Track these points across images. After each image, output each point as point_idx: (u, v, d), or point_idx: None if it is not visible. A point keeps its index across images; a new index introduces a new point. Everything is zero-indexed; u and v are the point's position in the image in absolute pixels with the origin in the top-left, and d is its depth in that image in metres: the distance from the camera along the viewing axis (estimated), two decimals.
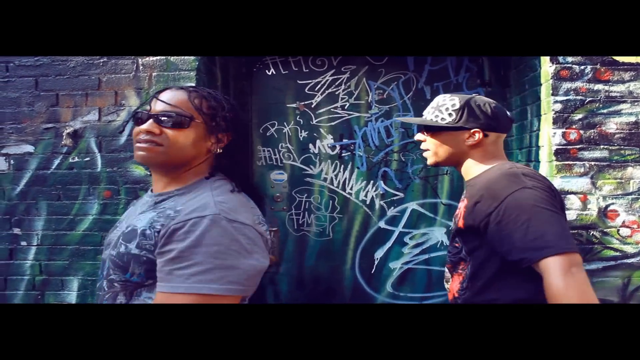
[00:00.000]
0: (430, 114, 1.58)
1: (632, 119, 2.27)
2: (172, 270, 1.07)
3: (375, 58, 2.93)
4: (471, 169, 1.56)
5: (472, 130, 1.51)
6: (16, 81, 2.43)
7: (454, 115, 1.52)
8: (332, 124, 2.95)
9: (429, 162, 1.62)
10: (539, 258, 1.22)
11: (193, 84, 2.33)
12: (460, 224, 1.47)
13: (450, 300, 1.56)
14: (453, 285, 1.54)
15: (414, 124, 2.92)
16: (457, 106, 1.52)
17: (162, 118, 1.21)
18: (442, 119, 1.54)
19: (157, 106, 1.23)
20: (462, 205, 1.51)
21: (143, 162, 1.23)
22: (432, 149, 1.59)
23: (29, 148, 2.42)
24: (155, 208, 1.22)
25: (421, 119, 1.61)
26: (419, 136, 1.64)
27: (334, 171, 2.95)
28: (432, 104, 1.61)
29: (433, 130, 1.57)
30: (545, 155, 2.34)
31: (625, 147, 2.27)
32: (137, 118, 1.24)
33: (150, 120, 1.21)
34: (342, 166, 2.96)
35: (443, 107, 1.55)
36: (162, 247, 1.11)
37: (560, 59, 2.27)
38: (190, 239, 1.08)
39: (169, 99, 1.23)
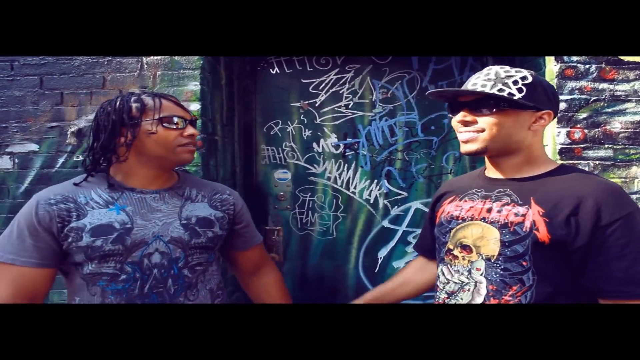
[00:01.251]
0: (488, 88, 1.25)
1: (637, 118, 2.26)
2: (254, 227, 1.71)
3: (379, 57, 2.93)
4: (522, 164, 1.30)
5: (542, 112, 1.26)
6: (21, 80, 2.43)
7: (525, 91, 1.23)
8: (336, 123, 2.95)
9: (473, 148, 1.28)
10: None
11: (197, 83, 2.33)
12: (544, 237, 1.17)
13: None
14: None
15: (416, 120, 2.92)
16: (529, 80, 1.24)
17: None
18: (510, 94, 1.22)
19: (179, 112, 1.46)
20: (529, 213, 1.21)
21: (190, 161, 1.49)
22: (485, 134, 1.26)
23: (34, 147, 2.43)
24: (192, 199, 1.51)
25: (480, 91, 1.26)
26: (461, 117, 1.29)
27: (337, 170, 2.95)
28: (487, 76, 1.28)
29: (498, 107, 1.24)
30: (549, 154, 2.33)
31: (630, 146, 2.26)
32: (172, 123, 1.42)
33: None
34: (346, 165, 2.95)
35: (509, 79, 1.24)
36: (244, 218, 1.65)
37: (565, 57, 2.27)
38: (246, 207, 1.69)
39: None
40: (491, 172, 1.39)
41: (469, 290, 1.28)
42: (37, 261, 1.32)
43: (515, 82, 1.24)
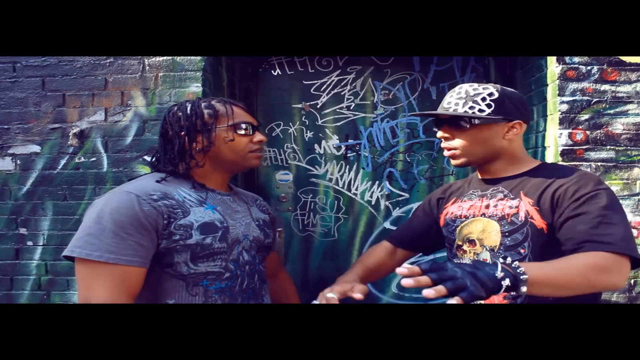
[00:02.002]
0: (461, 106, 1.36)
1: (639, 119, 2.26)
2: None
3: (380, 58, 2.93)
4: (507, 166, 1.42)
5: (513, 122, 1.36)
6: (23, 81, 2.44)
7: (494, 106, 1.34)
8: (338, 124, 2.95)
9: (457, 162, 1.42)
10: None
11: (199, 85, 2.34)
12: (541, 224, 1.29)
13: None
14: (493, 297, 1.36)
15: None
16: (496, 95, 1.35)
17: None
18: (480, 110, 1.34)
19: (249, 118, 1.46)
20: (521, 205, 1.33)
21: (258, 166, 1.62)
22: (463, 148, 1.39)
23: (36, 148, 2.43)
24: (249, 203, 1.57)
25: (451, 112, 1.37)
26: (440, 134, 1.42)
27: (339, 172, 2.95)
28: (457, 94, 1.39)
29: (471, 124, 1.36)
30: (551, 156, 2.33)
31: (632, 148, 2.26)
32: (242, 130, 1.42)
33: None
34: (348, 167, 2.96)
35: (478, 96, 1.35)
36: (275, 220, 1.72)
37: (567, 59, 2.26)
38: None
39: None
40: (483, 174, 1.51)
41: None
42: (142, 260, 1.22)
43: (483, 99, 1.35)
